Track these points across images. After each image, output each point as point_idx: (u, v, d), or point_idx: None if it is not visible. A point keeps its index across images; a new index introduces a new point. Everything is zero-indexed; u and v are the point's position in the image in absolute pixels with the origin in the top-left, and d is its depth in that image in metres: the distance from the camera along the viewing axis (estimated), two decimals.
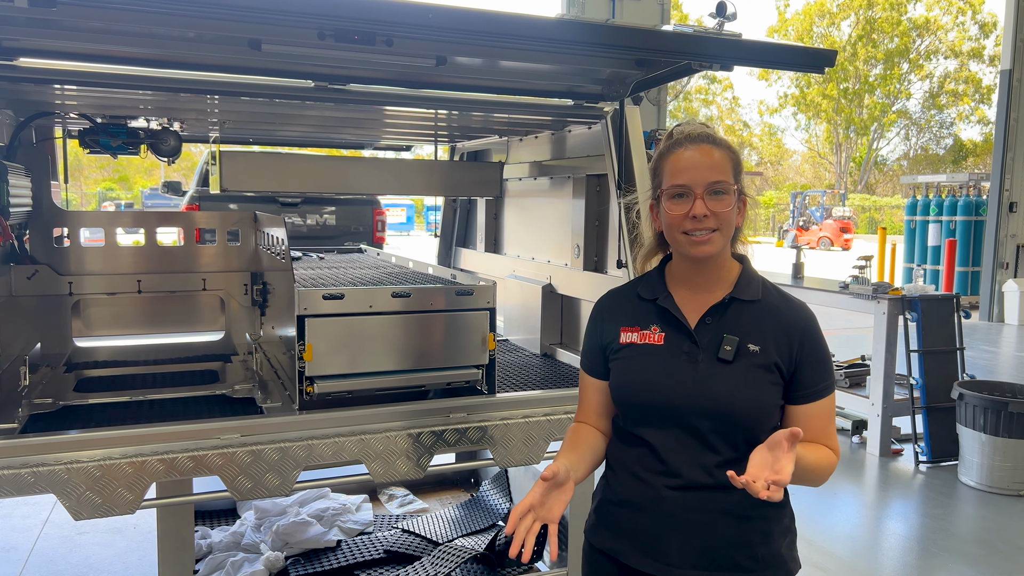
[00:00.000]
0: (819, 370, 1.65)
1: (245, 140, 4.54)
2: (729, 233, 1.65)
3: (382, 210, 9.14)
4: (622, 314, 1.76)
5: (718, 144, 1.64)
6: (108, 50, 2.35)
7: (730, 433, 1.60)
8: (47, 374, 2.85)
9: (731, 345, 1.61)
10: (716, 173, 1.61)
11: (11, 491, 2.05)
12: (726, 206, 1.61)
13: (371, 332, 2.46)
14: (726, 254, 1.70)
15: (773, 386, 1.62)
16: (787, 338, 1.64)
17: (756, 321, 1.65)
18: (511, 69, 2.70)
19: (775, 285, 1.73)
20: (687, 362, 1.64)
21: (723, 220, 1.61)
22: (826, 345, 1.70)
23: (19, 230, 3.09)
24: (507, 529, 1.52)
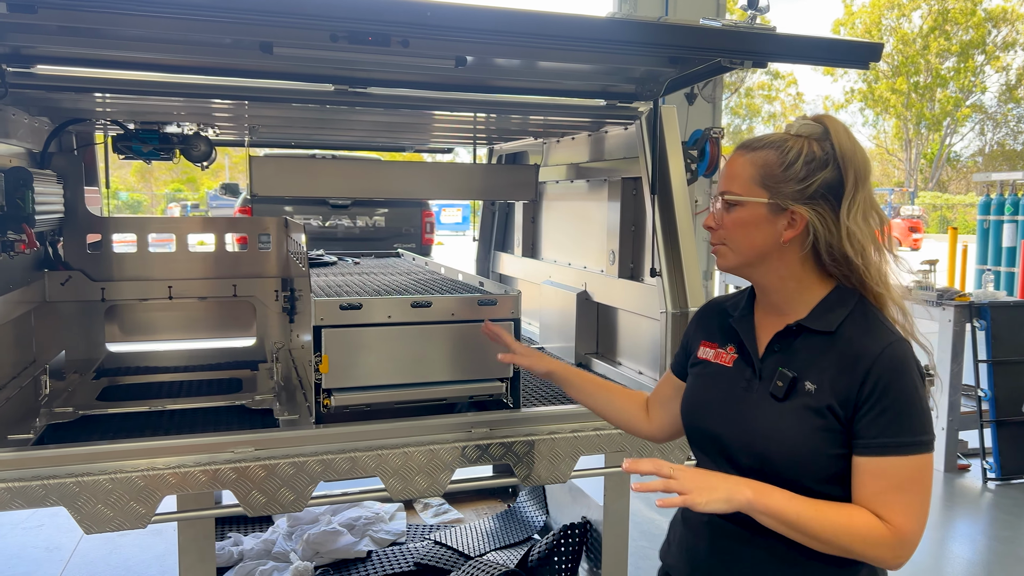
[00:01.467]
0: (886, 420, 1.33)
1: (286, 143, 4.53)
2: (744, 250, 1.46)
3: (430, 212, 9.12)
4: (708, 327, 1.65)
5: (751, 149, 1.46)
6: (130, 56, 2.32)
7: (769, 475, 1.42)
8: (75, 381, 2.86)
9: (783, 381, 1.42)
10: (728, 182, 1.48)
11: (22, 504, 2.03)
12: (731, 218, 1.46)
13: (390, 343, 2.37)
14: (790, 275, 1.46)
15: (824, 432, 1.38)
16: (850, 375, 1.37)
17: (822, 356, 1.41)
18: (541, 69, 2.58)
19: (872, 312, 1.43)
20: (744, 391, 1.50)
21: (730, 234, 1.47)
22: (909, 392, 1.35)
23: (53, 236, 3.12)
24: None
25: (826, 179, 1.40)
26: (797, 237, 1.42)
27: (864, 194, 1.41)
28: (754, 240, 1.45)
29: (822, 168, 1.40)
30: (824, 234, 1.41)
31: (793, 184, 1.40)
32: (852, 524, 1.33)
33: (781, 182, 1.41)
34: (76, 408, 2.42)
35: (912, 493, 1.33)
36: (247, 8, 1.69)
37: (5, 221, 2.44)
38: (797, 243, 1.43)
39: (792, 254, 1.44)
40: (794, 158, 1.40)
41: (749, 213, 1.44)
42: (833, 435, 1.38)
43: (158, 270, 3.31)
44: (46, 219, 2.79)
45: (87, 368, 3.08)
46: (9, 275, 2.60)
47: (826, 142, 1.42)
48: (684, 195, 2.65)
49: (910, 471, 1.33)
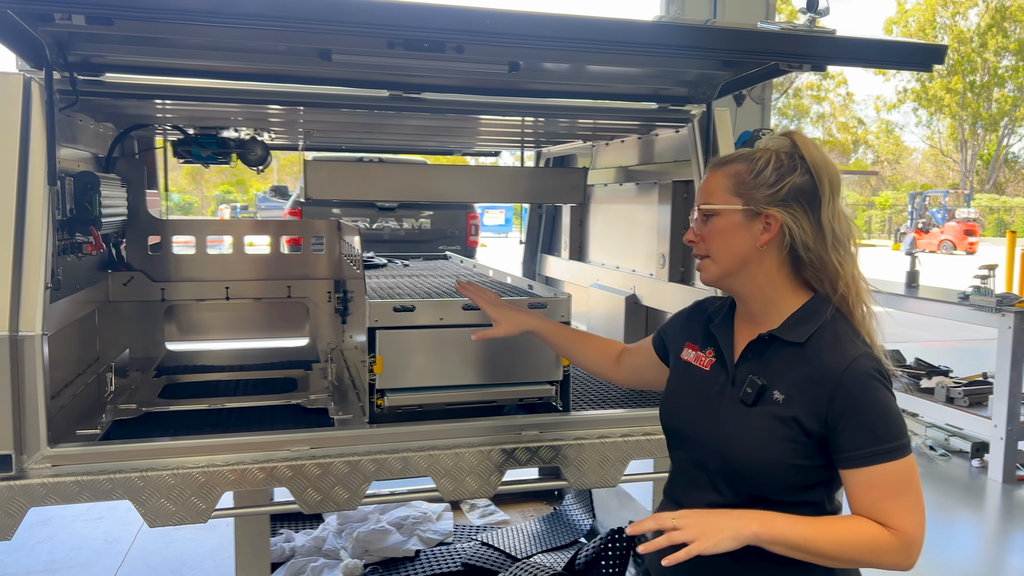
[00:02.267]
0: (861, 433, 1.38)
1: (337, 147, 4.61)
2: (724, 259, 1.52)
3: (475, 214, 9.18)
4: (693, 329, 1.72)
5: (721, 164, 1.56)
6: (193, 64, 2.39)
7: (734, 481, 1.50)
8: (137, 378, 2.95)
9: (753, 388, 1.49)
10: (704, 196, 1.55)
11: (90, 496, 2.10)
12: (711, 229, 1.52)
13: (442, 345, 2.40)
14: (768, 283, 1.52)
15: (788, 442, 1.43)
16: (817, 391, 1.42)
17: (791, 367, 1.46)
18: (592, 73, 2.59)
19: (843, 327, 1.48)
20: (717, 395, 1.56)
21: (711, 245, 1.53)
22: (879, 403, 1.39)
23: (116, 238, 3.22)
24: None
25: (796, 183, 1.47)
26: (774, 240, 1.48)
27: (840, 201, 1.49)
28: (733, 247, 1.50)
29: (791, 173, 1.48)
30: (800, 235, 1.46)
31: (764, 189, 1.48)
32: (859, 537, 1.37)
33: (753, 188, 1.49)
34: (139, 405, 2.50)
35: (906, 495, 1.38)
36: (312, 18, 1.73)
37: (73, 224, 2.53)
38: (774, 247, 1.49)
39: (770, 260, 1.50)
40: (763, 166, 1.49)
41: (726, 221, 1.50)
42: (798, 446, 1.43)
43: (215, 271, 3.39)
44: (111, 221, 2.89)
45: (147, 366, 3.17)
46: (76, 276, 2.70)
47: (794, 153, 1.50)
48: None
49: (898, 475, 1.38)
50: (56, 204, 2.30)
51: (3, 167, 2.09)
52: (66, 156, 2.64)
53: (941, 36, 41.33)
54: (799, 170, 1.48)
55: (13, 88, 2.12)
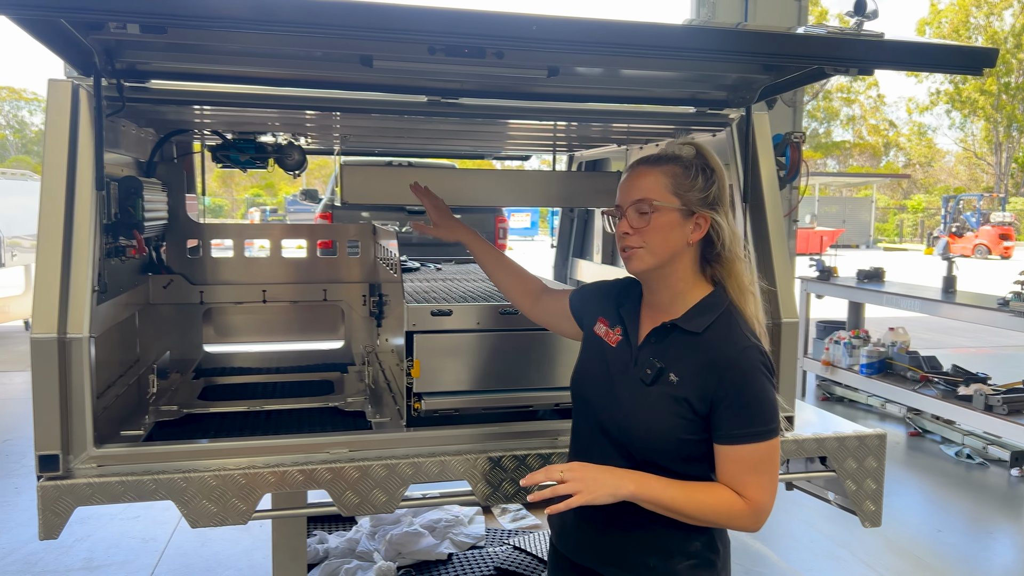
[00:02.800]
0: (739, 415, 1.58)
1: (370, 151, 4.64)
2: (659, 251, 1.65)
3: (504, 217, 9.20)
4: (606, 305, 1.87)
5: (656, 163, 1.68)
6: (234, 71, 2.42)
7: (632, 451, 1.68)
8: (177, 380, 2.99)
9: (652, 369, 1.66)
10: (640, 192, 1.66)
11: (135, 496, 2.13)
12: (647, 223, 1.64)
13: (479, 349, 2.41)
14: (680, 276, 1.69)
15: (680, 419, 1.62)
16: (707, 375, 1.60)
17: (687, 353, 1.64)
18: (629, 77, 2.58)
19: (736, 321, 1.66)
20: (621, 372, 1.73)
21: (648, 238, 1.64)
22: (759, 390, 1.59)
23: (156, 242, 3.27)
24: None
25: (715, 190, 1.67)
26: (697, 241, 1.66)
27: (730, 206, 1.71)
28: (669, 242, 1.64)
29: (714, 179, 1.67)
30: (723, 236, 1.66)
31: (697, 193, 1.65)
32: (717, 503, 1.59)
33: (688, 190, 1.65)
34: (180, 406, 2.54)
35: (764, 473, 1.59)
36: (358, 25, 1.74)
37: (118, 227, 2.57)
38: (696, 245, 1.67)
39: (689, 256, 1.68)
40: (696, 171, 1.66)
41: (665, 218, 1.64)
42: (687, 422, 1.61)
43: (252, 274, 3.43)
44: (152, 225, 2.93)
45: (186, 368, 3.21)
46: (119, 279, 2.74)
47: (702, 159, 1.68)
48: (776, 203, 2.61)
49: (762, 454, 1.58)
50: (102, 208, 2.34)
51: (53, 173, 2.14)
52: (110, 161, 2.68)
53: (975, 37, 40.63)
54: (716, 177, 1.68)
55: (63, 95, 2.17)
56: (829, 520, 4.54)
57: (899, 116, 52.53)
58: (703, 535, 1.69)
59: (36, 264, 2.09)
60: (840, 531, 4.44)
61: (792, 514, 4.62)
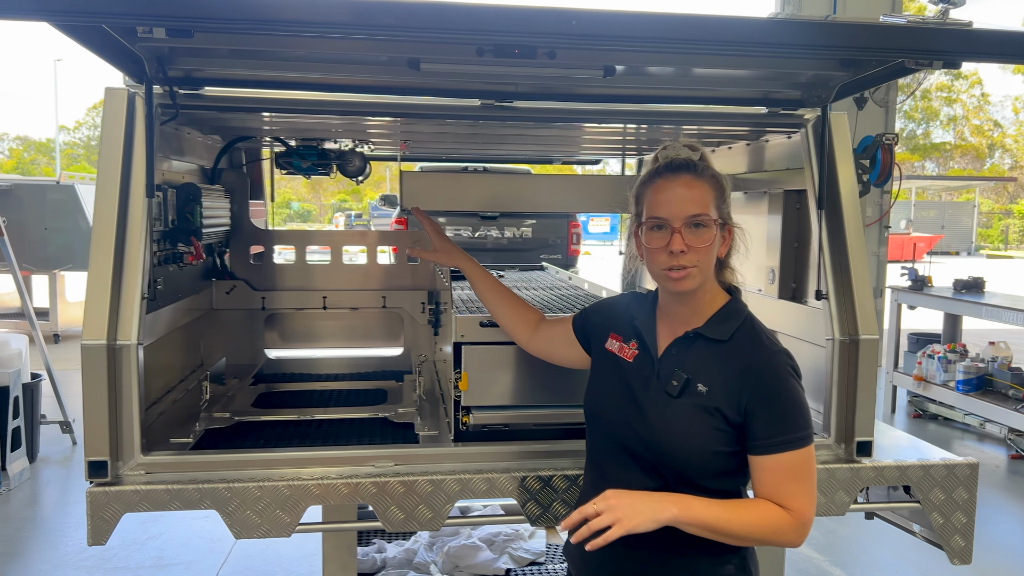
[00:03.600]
0: (775, 422, 1.51)
1: (437, 158, 4.61)
2: (709, 268, 1.60)
3: (577, 223, 9.08)
4: (617, 320, 1.80)
5: (700, 173, 1.60)
6: (286, 76, 2.40)
7: (662, 467, 1.59)
8: (235, 386, 3.00)
9: (678, 381, 1.58)
10: (695, 206, 1.56)
11: (180, 505, 2.12)
12: (705, 240, 1.56)
13: (530, 362, 2.30)
14: (708, 286, 1.63)
15: (713, 431, 1.54)
16: (739, 384, 1.54)
17: (715, 362, 1.58)
18: (695, 77, 2.43)
19: (759, 326, 1.63)
20: (643, 387, 1.65)
21: (702, 255, 1.57)
22: (793, 396, 1.53)
23: (220, 248, 3.30)
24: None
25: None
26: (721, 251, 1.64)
27: None
28: (711, 258, 1.60)
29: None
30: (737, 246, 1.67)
31: (726, 207, 1.63)
32: (764, 518, 1.49)
33: (723, 203, 1.62)
34: (232, 414, 2.53)
35: (805, 481, 1.51)
36: (392, 25, 1.67)
37: (175, 234, 2.59)
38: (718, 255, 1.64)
39: (714, 266, 1.64)
40: (726, 183, 1.63)
41: (711, 233, 1.58)
42: (720, 433, 1.54)
43: (314, 281, 3.43)
44: (213, 231, 2.96)
45: (247, 373, 3.23)
46: (178, 284, 2.77)
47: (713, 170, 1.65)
48: (855, 210, 2.41)
49: (801, 462, 1.51)
50: (157, 215, 2.36)
51: (107, 179, 2.15)
52: (173, 168, 2.72)
53: None
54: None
55: (118, 103, 2.18)
56: (918, 550, 4.22)
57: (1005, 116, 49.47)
58: (735, 557, 1.60)
59: (88, 271, 2.10)
60: (930, 562, 4.13)
61: (878, 541, 4.32)
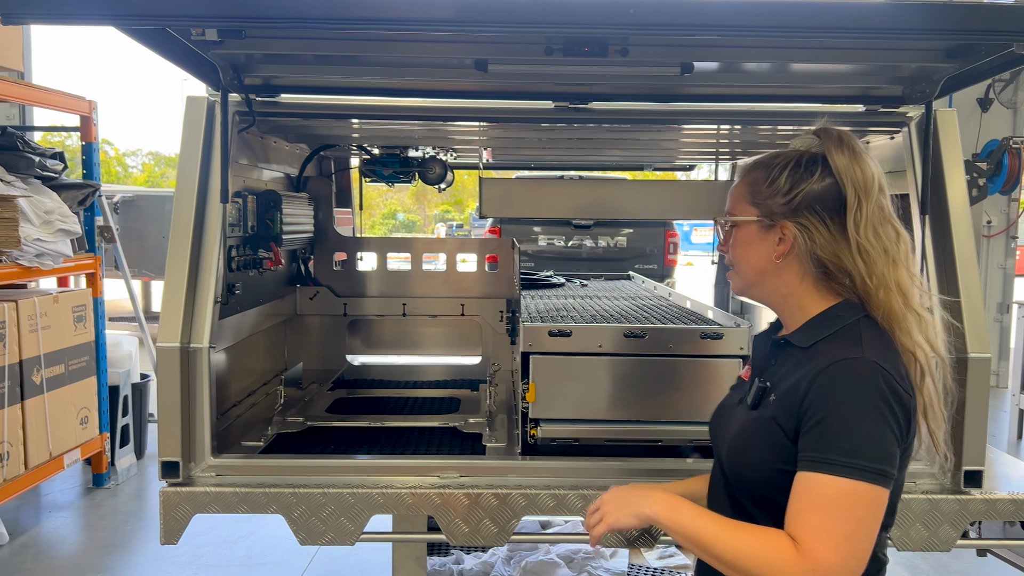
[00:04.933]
0: (817, 435, 1.25)
1: (525, 165, 4.57)
2: (745, 272, 1.47)
3: (674, 232, 8.82)
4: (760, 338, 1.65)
5: (746, 171, 1.48)
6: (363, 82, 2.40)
7: (736, 486, 1.44)
8: (313, 391, 3.03)
9: (757, 390, 1.42)
10: (728, 205, 1.50)
11: (247, 508, 2.14)
12: (733, 239, 1.48)
13: (602, 374, 2.20)
14: (789, 292, 1.43)
15: (773, 445, 1.34)
16: (797, 389, 1.32)
17: (791, 370, 1.38)
18: (782, 72, 2.28)
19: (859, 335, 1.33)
20: (740, 400, 1.51)
21: (733, 256, 1.49)
22: (849, 414, 1.24)
23: (304, 254, 3.36)
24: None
25: (813, 190, 1.37)
26: (792, 252, 1.40)
27: (872, 207, 1.35)
28: (751, 260, 1.45)
29: (807, 179, 1.38)
30: (808, 247, 1.37)
31: (779, 198, 1.39)
32: (759, 547, 1.25)
33: (768, 197, 1.41)
34: (305, 419, 2.55)
35: (835, 519, 1.21)
36: (454, 20, 1.63)
37: (256, 240, 2.64)
38: (794, 258, 1.40)
39: (791, 271, 1.42)
40: (778, 173, 1.40)
41: (744, 233, 1.45)
42: (779, 448, 1.33)
43: (394, 287, 3.44)
44: (295, 238, 3.00)
45: (327, 378, 3.26)
46: (258, 290, 2.82)
47: (818, 155, 1.40)
48: (964, 215, 2.18)
49: (836, 493, 1.22)
50: (236, 221, 2.41)
51: (185, 186, 2.21)
52: (255, 176, 2.77)
53: None
54: (818, 175, 1.38)
55: (198, 110, 2.24)
56: None
57: None
58: None
59: (166, 274, 2.16)
60: None
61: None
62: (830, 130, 1.42)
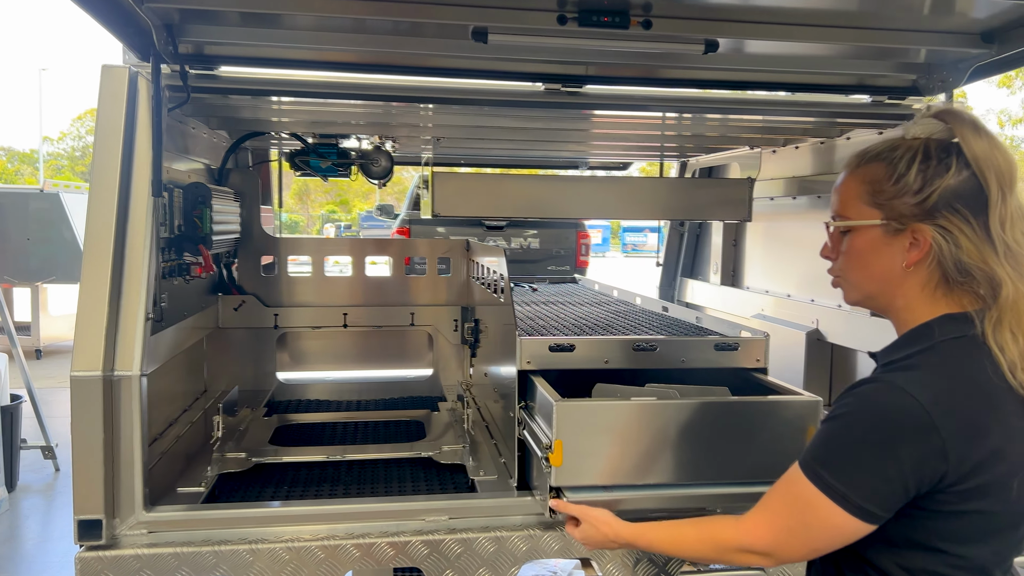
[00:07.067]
0: (815, 432, 1.20)
1: (455, 162, 4.25)
2: (862, 283, 1.26)
3: (586, 233, 8.71)
4: None
5: (858, 165, 1.26)
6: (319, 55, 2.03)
7: None
8: (247, 417, 2.61)
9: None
10: (838, 206, 1.28)
11: (190, 572, 1.74)
12: (846, 246, 1.25)
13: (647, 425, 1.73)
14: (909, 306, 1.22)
15: None
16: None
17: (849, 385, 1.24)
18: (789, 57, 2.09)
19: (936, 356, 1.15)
20: None
21: (846, 266, 1.27)
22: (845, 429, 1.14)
23: (228, 258, 2.92)
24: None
25: (950, 186, 1.16)
26: (923, 260, 1.19)
27: (1014, 201, 1.17)
28: (871, 270, 1.24)
29: (943, 174, 1.17)
30: (951, 253, 1.17)
31: (908, 198, 1.18)
32: (704, 532, 1.30)
33: (893, 197, 1.20)
34: (248, 454, 2.15)
35: (788, 509, 1.19)
36: None
37: (182, 242, 2.21)
38: (923, 266, 1.20)
39: (915, 280, 1.21)
40: (905, 168, 1.19)
41: (863, 238, 1.24)
42: None
43: (332, 296, 3.06)
44: (222, 239, 2.57)
45: (257, 400, 2.84)
46: (184, 301, 2.39)
47: (948, 144, 1.19)
48: None
49: (799, 489, 1.17)
50: (162, 219, 1.98)
51: (104, 176, 1.78)
52: (176, 166, 2.34)
53: None
54: (955, 167, 1.16)
55: (118, 83, 1.81)
56: None
57: None
58: None
59: (80, 286, 1.72)
60: None
61: None
62: (958, 112, 1.20)
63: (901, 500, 1.12)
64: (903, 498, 1.12)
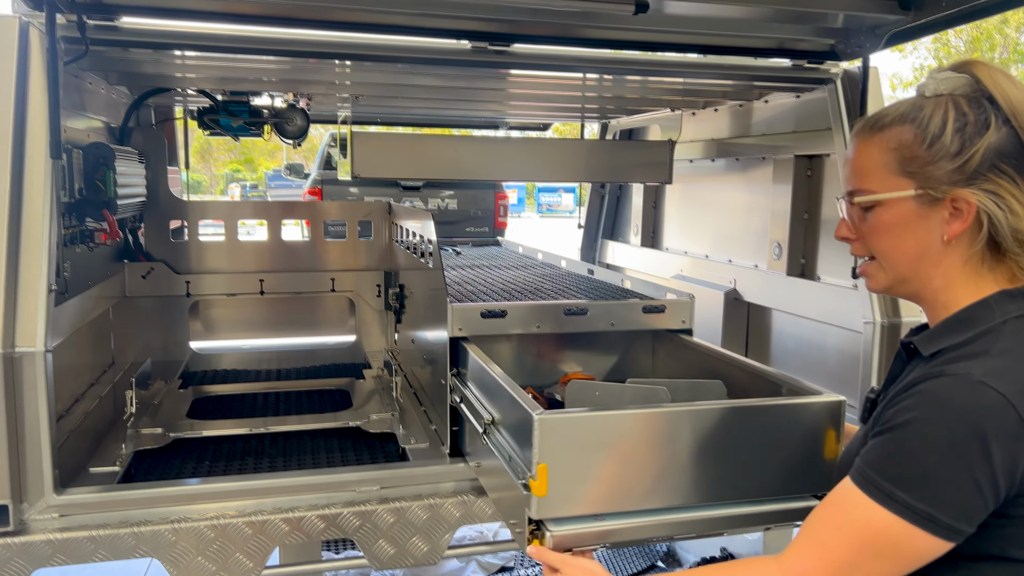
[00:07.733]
0: (874, 444, 1.03)
1: (372, 120, 4.13)
2: (896, 263, 1.11)
3: (505, 194, 8.67)
4: None
5: (879, 129, 1.10)
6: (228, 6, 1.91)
7: None
8: (161, 390, 2.49)
9: (865, 403, 1.19)
10: (858, 179, 1.12)
11: (108, 554, 1.66)
12: (872, 223, 1.11)
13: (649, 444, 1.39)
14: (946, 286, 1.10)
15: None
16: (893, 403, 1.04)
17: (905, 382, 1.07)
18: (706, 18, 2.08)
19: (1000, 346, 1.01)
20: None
21: (876, 245, 1.12)
22: (917, 437, 0.98)
23: (133, 223, 2.76)
24: None
25: (992, 144, 1.04)
26: (965, 232, 1.06)
27: None
28: (907, 246, 1.10)
29: (983, 131, 1.04)
30: (1007, 220, 1.04)
31: (946, 163, 1.05)
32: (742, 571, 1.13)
33: (928, 164, 1.06)
34: (165, 429, 2.05)
35: (832, 532, 1.02)
36: None
37: (84, 207, 2.07)
38: (964, 238, 1.07)
39: (954, 254, 1.09)
40: (938, 128, 1.06)
41: (894, 213, 1.09)
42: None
43: (248, 261, 2.93)
44: (127, 204, 2.42)
45: (171, 372, 2.72)
46: (88, 269, 2.24)
47: (979, 96, 1.07)
48: None
49: (859, 516, 1.00)
50: (62, 183, 1.84)
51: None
52: (74, 125, 2.17)
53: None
54: (994, 122, 1.04)
55: (8, 34, 1.66)
56: None
57: None
58: None
59: None
60: None
61: None
62: (985, 64, 1.08)
63: (989, 510, 0.98)
64: (992, 508, 0.98)
